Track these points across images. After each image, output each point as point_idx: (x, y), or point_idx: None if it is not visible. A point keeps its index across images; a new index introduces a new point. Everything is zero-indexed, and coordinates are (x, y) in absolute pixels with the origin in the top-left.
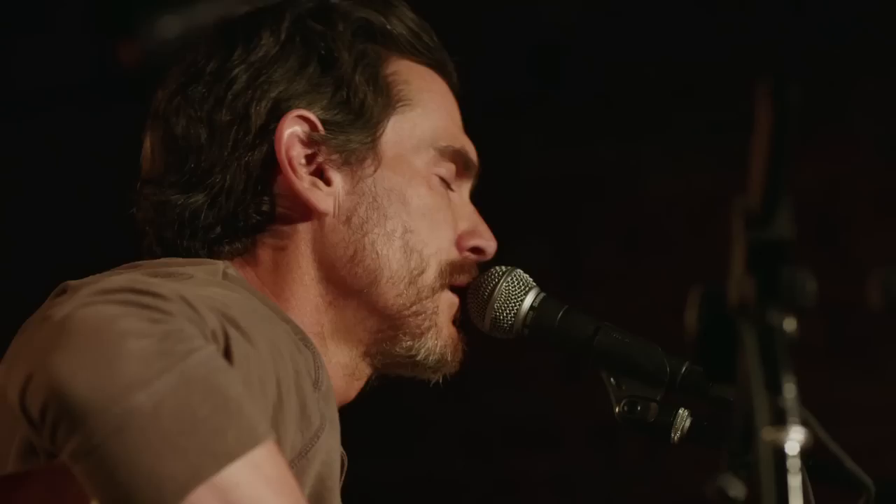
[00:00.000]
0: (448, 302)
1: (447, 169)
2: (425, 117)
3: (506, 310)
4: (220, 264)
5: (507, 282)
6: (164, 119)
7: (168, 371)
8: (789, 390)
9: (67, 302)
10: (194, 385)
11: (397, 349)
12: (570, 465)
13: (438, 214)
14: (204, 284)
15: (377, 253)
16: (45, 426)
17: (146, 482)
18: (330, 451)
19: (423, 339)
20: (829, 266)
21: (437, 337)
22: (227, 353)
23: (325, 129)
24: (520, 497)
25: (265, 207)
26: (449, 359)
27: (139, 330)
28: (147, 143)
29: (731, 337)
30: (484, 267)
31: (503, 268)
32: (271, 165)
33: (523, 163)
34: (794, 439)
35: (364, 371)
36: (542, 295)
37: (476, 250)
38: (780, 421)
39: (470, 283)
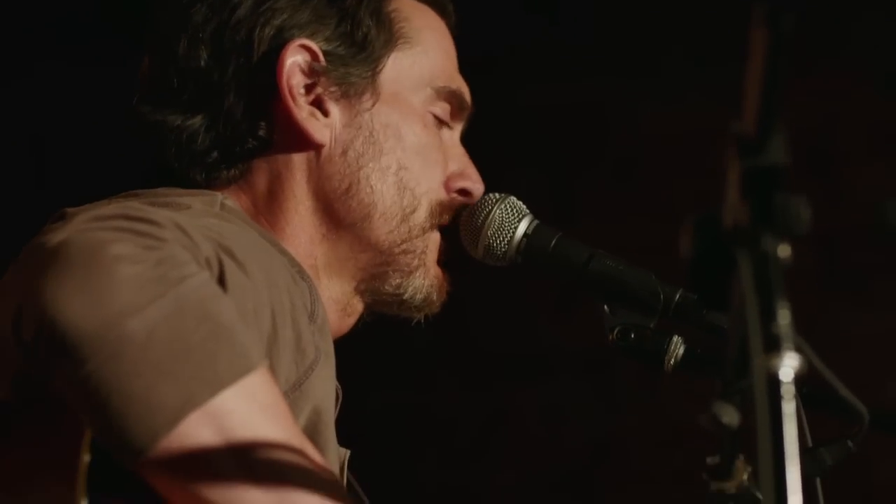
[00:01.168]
0: (435, 242)
1: (442, 109)
2: (424, 56)
3: (499, 237)
4: (218, 195)
5: (501, 209)
6: (165, 39)
7: (161, 297)
8: (784, 317)
9: (62, 229)
10: (187, 311)
11: (386, 287)
12: (563, 396)
13: (431, 154)
14: (201, 215)
15: (371, 187)
16: (39, 353)
17: (139, 408)
18: (325, 383)
19: (411, 277)
20: (823, 198)
21: (424, 276)
22: (222, 281)
23: (327, 60)
24: (512, 427)
25: (262, 133)
26: (434, 298)
27: (133, 256)
28: (146, 62)
29: (725, 263)
30: None
31: (497, 195)
32: (271, 93)
33: (519, 96)
34: (789, 366)
35: (356, 307)
36: (536, 222)
37: (463, 192)
38: (774, 347)
39: (463, 211)
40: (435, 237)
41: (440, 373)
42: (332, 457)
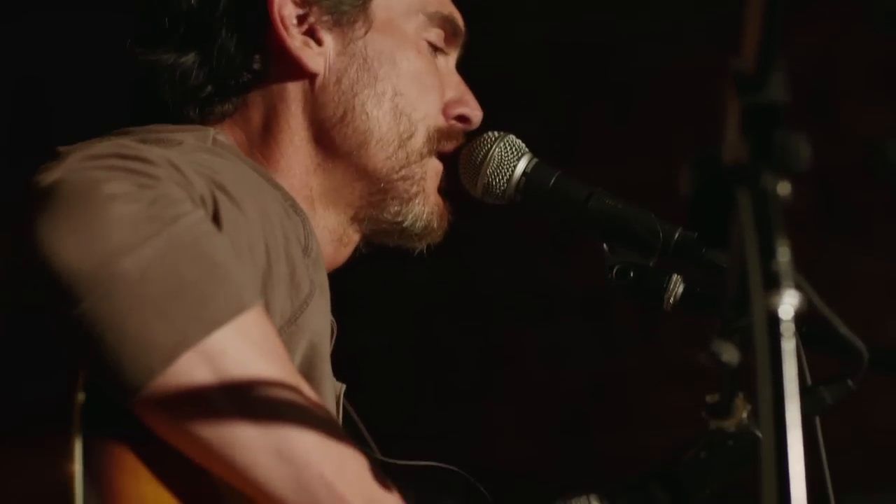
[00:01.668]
0: (435, 169)
1: (436, 35)
2: None
3: (498, 175)
4: (210, 130)
5: (500, 147)
6: None
7: (155, 236)
8: (783, 254)
9: (55, 168)
10: (181, 250)
11: (385, 215)
12: (561, 336)
13: (427, 79)
14: (193, 150)
15: (367, 114)
16: (33, 292)
17: (133, 348)
18: (320, 317)
19: (410, 204)
20: (822, 139)
21: (424, 203)
22: (216, 218)
23: None
24: (511, 368)
25: (256, 66)
26: (435, 226)
27: (127, 194)
28: (138, 4)
29: (724, 201)
30: (474, 135)
31: (495, 133)
32: (263, 25)
33: (518, 35)
34: (788, 303)
35: (352, 237)
36: (535, 160)
37: (462, 119)
38: (773, 285)
39: (462, 149)
40: (434, 164)
41: (439, 314)
42: (328, 391)
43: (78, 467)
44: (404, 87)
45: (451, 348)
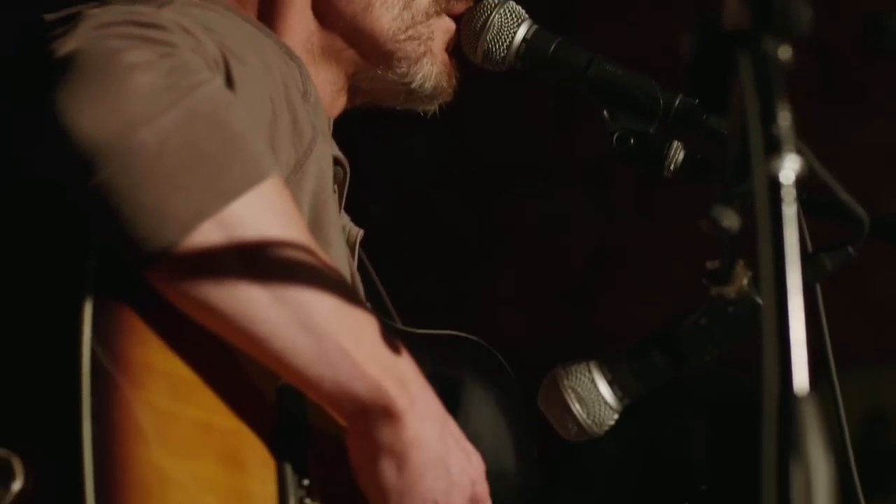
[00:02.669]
0: (443, 28)
1: None
2: None
3: (498, 42)
4: None
5: (500, 13)
6: None
7: (174, 106)
8: (784, 118)
9: (69, 37)
10: (199, 121)
11: (391, 75)
12: (562, 207)
13: None
14: (183, 5)
15: None
16: (50, 162)
17: (150, 218)
18: (323, 161)
19: (418, 64)
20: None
21: (432, 63)
22: (228, 80)
23: None
24: (512, 238)
25: None
26: (444, 86)
27: (145, 64)
28: None
29: (725, 66)
30: None
31: (495, 0)
32: None
33: None
34: (789, 168)
35: (353, 89)
36: (535, 27)
37: None
38: (774, 149)
39: (462, 15)
40: (443, 23)
41: (440, 186)
42: (336, 236)
43: (87, 332)
44: None
45: (451, 219)
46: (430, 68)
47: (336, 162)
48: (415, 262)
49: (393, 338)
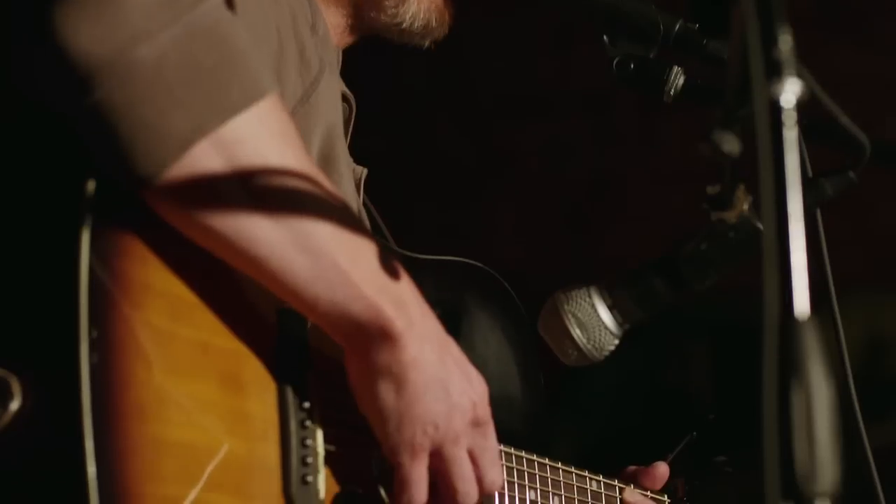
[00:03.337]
0: None
1: None
2: None
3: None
4: None
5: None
6: None
7: (173, 23)
8: (785, 42)
9: None
10: (199, 37)
11: (382, 17)
12: (562, 134)
13: None
14: None
15: None
16: (46, 81)
17: (148, 135)
18: (331, 94)
19: (406, 4)
20: None
21: (419, 2)
22: (230, 2)
23: None
24: (511, 166)
25: None
26: (434, 24)
27: None
28: None
29: None
30: None
31: None
32: None
33: None
34: (790, 91)
35: (351, 30)
36: None
37: None
38: (775, 73)
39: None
40: None
41: (439, 113)
42: (345, 169)
43: (85, 252)
44: None
45: (450, 149)
46: (416, 7)
47: (343, 98)
48: (415, 192)
49: (392, 261)
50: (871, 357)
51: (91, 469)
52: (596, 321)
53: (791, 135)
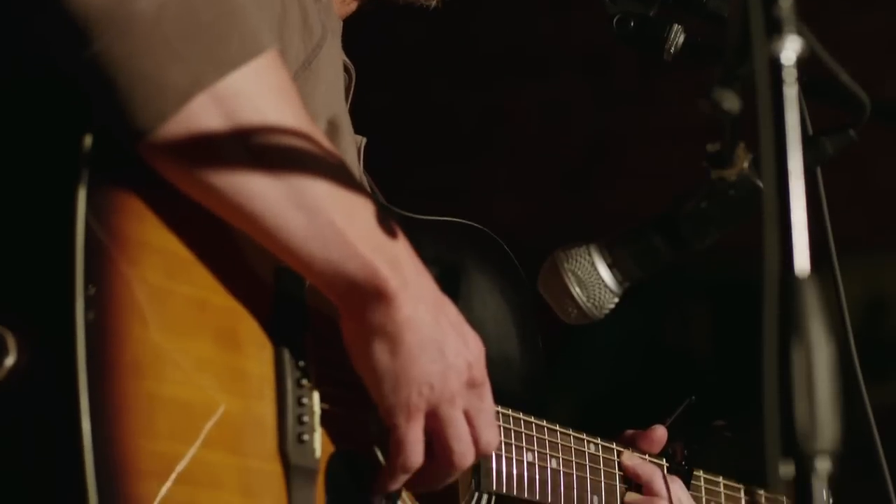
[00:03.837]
0: None
1: None
2: None
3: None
4: None
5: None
6: None
7: None
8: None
9: None
10: None
11: None
12: (561, 93)
13: None
14: None
15: None
16: (45, 32)
17: (146, 88)
18: (333, 61)
19: None
20: None
21: None
22: None
23: None
24: (510, 126)
25: None
26: None
27: None
28: None
29: None
30: None
31: None
32: None
33: None
34: (790, 49)
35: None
36: None
37: None
38: (775, 30)
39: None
40: None
41: (438, 72)
42: (348, 134)
43: (81, 207)
44: None
45: (449, 106)
46: None
47: (343, 68)
48: (412, 151)
49: (389, 221)
50: (871, 316)
51: (86, 425)
52: (596, 279)
53: (791, 92)
